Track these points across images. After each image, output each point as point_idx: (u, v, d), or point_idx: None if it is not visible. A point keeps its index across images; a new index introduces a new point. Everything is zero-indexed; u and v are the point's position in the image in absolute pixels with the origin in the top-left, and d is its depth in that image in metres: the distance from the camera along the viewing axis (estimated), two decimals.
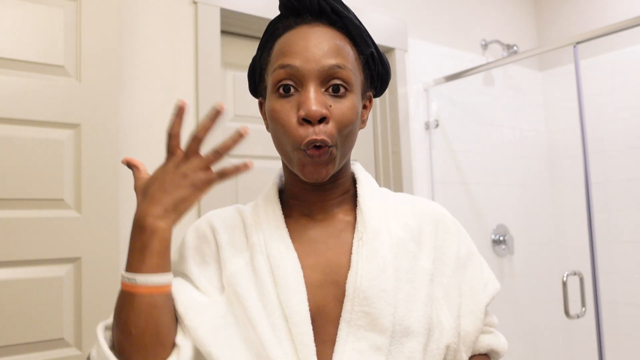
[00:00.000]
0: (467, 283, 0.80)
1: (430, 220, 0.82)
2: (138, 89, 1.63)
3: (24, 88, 1.34)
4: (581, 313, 2.05)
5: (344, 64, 0.74)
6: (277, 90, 0.74)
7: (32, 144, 1.34)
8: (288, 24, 0.78)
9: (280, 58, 0.75)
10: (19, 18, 1.35)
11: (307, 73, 0.72)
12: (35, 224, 1.32)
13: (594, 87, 2.61)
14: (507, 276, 2.58)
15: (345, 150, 0.76)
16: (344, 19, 0.78)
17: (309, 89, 0.72)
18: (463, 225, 0.88)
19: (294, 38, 0.75)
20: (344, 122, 0.73)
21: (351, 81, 0.75)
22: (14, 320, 1.28)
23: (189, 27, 1.75)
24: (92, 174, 1.40)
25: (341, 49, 0.75)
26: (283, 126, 0.73)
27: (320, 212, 0.80)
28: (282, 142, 0.75)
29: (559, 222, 2.81)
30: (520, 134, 2.77)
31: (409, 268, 0.75)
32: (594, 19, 2.70)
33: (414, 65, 2.36)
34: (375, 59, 0.81)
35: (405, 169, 2.25)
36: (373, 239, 0.75)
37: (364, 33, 0.80)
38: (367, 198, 0.80)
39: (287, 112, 0.73)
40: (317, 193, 0.81)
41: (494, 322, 0.86)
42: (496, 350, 0.82)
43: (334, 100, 0.73)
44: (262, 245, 0.76)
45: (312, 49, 0.73)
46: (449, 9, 2.56)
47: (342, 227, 0.79)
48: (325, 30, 0.76)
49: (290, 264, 0.73)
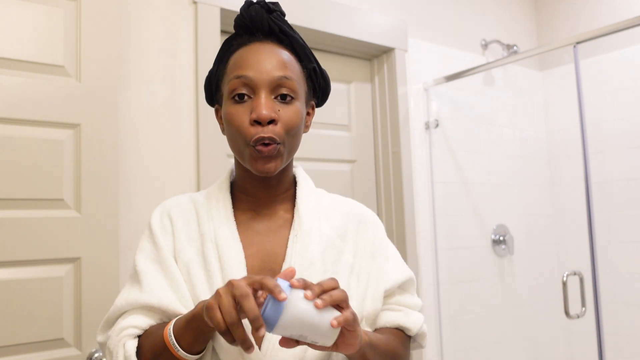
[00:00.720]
0: (374, 271, 0.93)
1: (354, 220, 0.96)
2: (138, 89, 1.63)
3: (24, 88, 1.34)
4: (581, 313, 2.05)
5: (290, 76, 0.86)
6: (232, 97, 0.86)
7: (32, 144, 1.34)
8: (242, 41, 0.90)
9: (235, 70, 0.86)
10: (19, 18, 1.35)
11: (259, 82, 0.84)
12: (35, 224, 1.32)
13: (594, 87, 2.61)
14: (507, 276, 2.58)
15: (291, 149, 0.88)
16: (290, 38, 0.91)
17: (261, 96, 0.83)
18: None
19: (247, 53, 0.87)
20: (290, 124, 0.85)
21: (296, 90, 0.87)
22: (14, 320, 1.28)
23: (189, 27, 1.75)
24: (92, 174, 1.40)
25: (288, 63, 0.88)
26: (237, 127, 0.84)
27: (264, 207, 0.92)
28: (236, 140, 0.86)
29: (559, 222, 2.81)
30: (520, 134, 2.77)
31: (334, 261, 0.89)
32: (594, 19, 2.70)
33: (414, 65, 2.36)
34: (317, 72, 0.94)
35: (405, 169, 2.25)
36: (305, 236, 0.88)
37: (307, 50, 0.93)
38: (304, 200, 0.92)
39: (241, 115, 0.84)
40: (263, 189, 0.92)
41: (409, 302, 0.97)
42: (404, 326, 0.92)
43: (281, 106, 0.85)
44: (212, 234, 0.87)
45: (263, 62, 0.85)
46: (449, 9, 2.56)
47: (282, 223, 0.91)
48: (274, 47, 0.89)
49: (235, 252, 0.85)
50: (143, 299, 0.84)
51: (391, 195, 2.26)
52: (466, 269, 2.40)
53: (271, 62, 0.85)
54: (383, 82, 2.33)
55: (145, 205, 1.60)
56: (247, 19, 0.89)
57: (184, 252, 0.87)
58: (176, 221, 0.91)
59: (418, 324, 0.94)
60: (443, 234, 2.36)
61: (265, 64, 0.85)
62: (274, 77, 0.84)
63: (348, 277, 0.89)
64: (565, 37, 2.75)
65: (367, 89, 2.37)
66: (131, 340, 0.81)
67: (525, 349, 2.59)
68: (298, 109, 0.87)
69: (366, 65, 2.38)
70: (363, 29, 2.18)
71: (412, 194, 2.25)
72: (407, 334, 0.94)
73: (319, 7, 2.04)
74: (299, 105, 0.88)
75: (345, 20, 2.12)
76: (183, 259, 0.87)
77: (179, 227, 0.90)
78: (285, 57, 0.88)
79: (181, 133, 1.70)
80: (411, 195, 2.25)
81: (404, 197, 2.22)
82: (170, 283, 0.86)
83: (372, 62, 2.39)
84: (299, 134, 0.89)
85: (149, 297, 0.84)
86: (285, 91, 0.85)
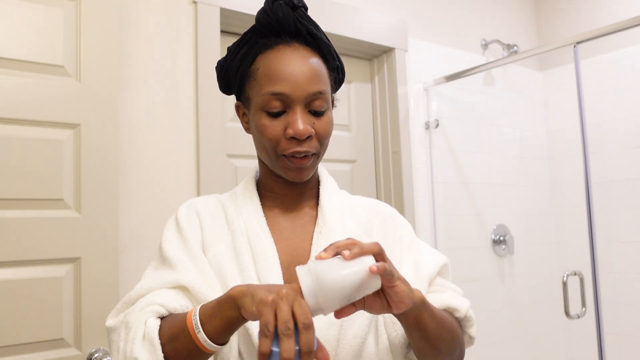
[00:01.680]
0: (409, 264, 0.93)
1: (380, 217, 0.98)
2: (138, 89, 1.63)
3: (24, 88, 1.34)
4: (581, 313, 2.05)
5: (324, 89, 0.86)
6: (265, 110, 0.85)
7: (32, 144, 1.34)
8: (267, 41, 0.88)
9: (269, 84, 0.84)
10: (19, 18, 1.35)
11: (295, 99, 0.83)
12: (35, 224, 1.32)
13: (594, 87, 2.61)
14: (507, 276, 2.58)
15: (322, 155, 0.91)
16: (317, 40, 0.90)
17: (297, 112, 0.84)
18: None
19: (278, 63, 0.85)
20: (325, 135, 0.87)
21: (328, 100, 0.88)
22: (14, 320, 1.28)
23: (189, 27, 1.75)
24: (92, 174, 1.40)
25: (320, 73, 0.87)
26: (271, 140, 0.85)
27: (290, 204, 0.94)
28: (267, 151, 0.87)
29: (559, 222, 2.81)
30: (520, 134, 2.77)
31: None
32: (594, 19, 2.70)
33: (414, 65, 2.36)
34: (339, 70, 0.95)
35: (405, 169, 2.25)
36: (330, 232, 0.88)
37: (332, 50, 0.93)
38: (327, 198, 0.94)
39: (275, 128, 0.84)
40: (289, 188, 0.93)
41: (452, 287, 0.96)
42: (452, 306, 0.90)
43: (316, 119, 0.86)
44: (243, 229, 0.88)
45: (297, 75, 0.84)
46: (449, 9, 2.56)
47: (308, 219, 0.93)
48: (302, 51, 0.87)
49: (268, 246, 0.86)
50: (177, 278, 0.82)
51: (391, 195, 2.26)
52: (466, 269, 2.40)
53: (305, 75, 0.84)
54: (383, 82, 2.33)
55: (145, 205, 1.60)
56: (273, 19, 0.87)
57: (213, 245, 0.87)
58: (204, 217, 0.91)
59: (466, 305, 0.92)
60: (443, 234, 2.36)
61: (300, 77, 0.84)
62: (310, 93, 0.84)
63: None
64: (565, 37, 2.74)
65: (367, 89, 2.37)
66: (154, 318, 0.76)
67: (525, 349, 2.59)
68: (330, 119, 0.88)
69: (366, 65, 2.38)
70: (363, 29, 2.18)
71: (412, 194, 2.25)
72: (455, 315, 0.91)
73: (319, 7, 2.04)
74: (330, 113, 0.89)
75: (345, 20, 2.12)
76: (213, 252, 0.86)
77: (207, 222, 0.90)
78: (316, 66, 0.87)
79: (181, 133, 1.70)
80: (411, 195, 2.25)
81: (404, 197, 2.22)
82: (201, 273, 0.84)
83: (372, 62, 2.39)
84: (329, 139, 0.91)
85: (184, 276, 0.82)
86: (319, 106, 0.85)
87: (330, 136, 0.90)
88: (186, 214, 0.92)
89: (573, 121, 2.44)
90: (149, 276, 0.85)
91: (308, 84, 0.84)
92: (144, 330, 0.74)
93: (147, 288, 0.83)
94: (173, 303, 0.79)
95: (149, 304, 0.78)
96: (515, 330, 2.56)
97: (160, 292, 0.81)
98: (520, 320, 2.59)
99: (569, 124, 2.75)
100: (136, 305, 0.80)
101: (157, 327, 0.75)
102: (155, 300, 0.79)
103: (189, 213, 0.92)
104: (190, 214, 0.92)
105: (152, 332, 0.73)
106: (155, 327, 0.74)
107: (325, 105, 0.86)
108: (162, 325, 0.76)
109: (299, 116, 0.83)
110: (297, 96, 0.83)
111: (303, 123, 0.83)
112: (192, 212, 0.92)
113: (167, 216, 1.62)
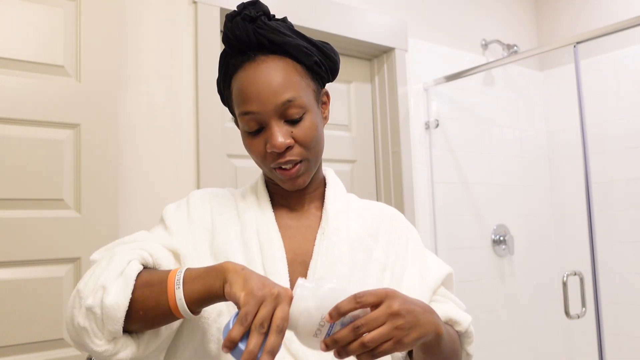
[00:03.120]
0: (414, 269, 0.93)
1: (386, 220, 0.98)
2: (138, 89, 1.63)
3: (24, 88, 1.34)
4: (581, 313, 2.05)
5: (294, 96, 0.84)
6: (245, 131, 0.87)
7: (32, 144, 1.34)
8: (235, 62, 0.87)
9: (240, 105, 0.85)
10: (19, 18, 1.35)
11: (265, 114, 0.83)
12: (35, 224, 1.32)
13: (594, 87, 2.61)
14: (507, 276, 2.58)
15: (316, 157, 0.89)
16: (281, 46, 0.86)
17: (272, 126, 0.83)
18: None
19: (245, 82, 0.85)
20: (307, 140, 0.85)
21: (304, 104, 0.85)
22: (14, 320, 1.28)
23: (189, 27, 1.75)
24: (92, 174, 1.40)
25: (288, 80, 0.84)
26: (256, 156, 0.88)
27: (296, 204, 0.95)
28: (260, 165, 0.90)
29: (559, 222, 2.81)
30: (520, 134, 2.77)
31: (364, 259, 0.90)
32: (594, 19, 2.70)
33: (414, 65, 2.36)
34: (321, 63, 0.91)
35: (405, 169, 2.25)
36: (333, 234, 0.89)
37: (302, 48, 0.87)
38: (332, 200, 0.94)
39: (257, 145, 0.86)
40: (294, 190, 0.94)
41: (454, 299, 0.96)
42: (455, 319, 0.90)
43: (294, 127, 0.85)
44: (252, 222, 0.89)
45: (262, 90, 0.83)
46: (449, 9, 2.56)
47: (312, 220, 0.93)
48: (268, 63, 0.85)
49: (276, 240, 0.87)
50: (173, 242, 0.83)
51: (391, 196, 2.26)
52: (466, 269, 2.40)
53: (270, 88, 0.83)
54: (383, 82, 2.33)
55: (145, 205, 1.60)
56: (233, 40, 0.86)
57: (224, 232, 0.88)
58: (215, 205, 0.92)
59: (468, 320, 0.92)
60: (443, 234, 2.36)
61: (265, 92, 0.83)
62: (278, 104, 0.83)
63: (380, 275, 0.89)
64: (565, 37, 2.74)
65: (367, 89, 2.37)
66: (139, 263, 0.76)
67: (525, 349, 2.59)
68: (312, 121, 0.86)
69: (366, 65, 2.38)
70: (363, 29, 2.18)
71: (412, 194, 2.25)
72: (455, 329, 0.91)
73: (318, 7, 2.04)
74: (312, 115, 0.86)
75: (345, 20, 2.12)
76: (223, 238, 0.87)
77: (219, 210, 0.92)
78: (282, 75, 0.84)
79: (181, 133, 1.70)
80: (411, 195, 2.25)
81: (404, 197, 2.22)
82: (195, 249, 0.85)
83: (372, 62, 2.39)
84: (320, 141, 0.89)
85: (179, 243, 0.83)
86: (293, 113, 0.84)
87: (318, 138, 0.88)
88: (200, 198, 0.93)
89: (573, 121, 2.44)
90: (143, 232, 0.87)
91: (274, 96, 0.83)
92: (124, 267, 0.74)
93: (142, 237, 0.84)
94: (162, 258, 0.79)
95: (140, 247, 0.79)
96: (515, 330, 2.56)
97: (155, 244, 0.82)
98: (520, 320, 2.59)
99: (569, 124, 2.75)
100: (127, 244, 0.81)
101: (137, 271, 0.74)
102: (146, 246, 0.80)
103: (203, 198, 0.93)
104: (204, 199, 0.93)
105: (131, 271, 0.73)
106: (135, 269, 0.74)
107: (300, 111, 0.84)
108: (143, 272, 0.75)
109: (274, 130, 0.83)
110: (266, 112, 0.83)
111: (279, 136, 0.83)
112: (206, 199, 0.93)
113: None
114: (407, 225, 1.01)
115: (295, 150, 0.85)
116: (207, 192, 0.96)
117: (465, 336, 0.92)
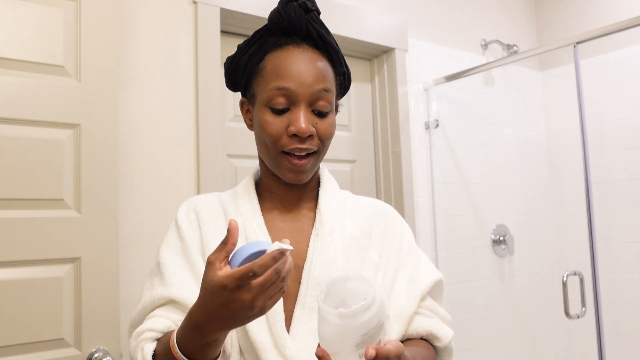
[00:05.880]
0: (404, 270, 0.93)
1: (380, 219, 0.97)
2: (138, 89, 1.63)
3: (24, 88, 1.34)
4: (581, 313, 2.05)
5: (329, 88, 0.87)
6: (269, 106, 0.86)
7: (32, 144, 1.34)
8: (277, 41, 0.89)
9: (275, 79, 0.85)
10: (19, 18, 1.35)
11: (300, 95, 0.84)
12: (35, 224, 1.32)
13: (594, 87, 2.61)
14: (507, 276, 2.58)
15: (323, 156, 0.91)
16: (327, 44, 0.90)
17: (300, 109, 0.84)
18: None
19: (286, 61, 0.86)
20: (326, 136, 0.88)
21: (332, 101, 0.88)
22: (14, 320, 1.28)
23: (189, 27, 1.75)
24: (92, 174, 1.40)
25: (326, 74, 0.87)
26: (272, 136, 0.85)
27: (289, 205, 0.94)
28: (268, 148, 0.87)
29: (559, 222, 2.81)
30: (520, 134, 2.77)
31: (359, 259, 0.90)
32: (594, 19, 2.70)
33: (414, 65, 2.36)
34: (346, 76, 0.95)
35: (405, 169, 2.25)
36: (327, 235, 0.89)
37: (340, 55, 0.93)
38: (327, 201, 0.94)
39: (278, 124, 0.85)
40: (289, 190, 0.94)
41: (440, 313, 0.95)
42: (436, 334, 0.90)
43: (318, 119, 0.86)
44: (241, 228, 0.87)
45: (304, 73, 0.85)
46: (449, 9, 2.56)
47: (305, 222, 0.93)
48: (311, 53, 0.88)
49: None
50: (166, 293, 0.84)
51: (391, 196, 2.26)
52: (466, 269, 2.40)
53: (311, 73, 0.85)
54: (383, 82, 2.33)
55: (145, 205, 1.60)
56: (285, 20, 0.88)
57: (212, 243, 0.88)
58: (203, 216, 0.92)
59: (449, 336, 0.92)
60: (443, 234, 2.36)
61: (306, 75, 0.85)
62: (315, 90, 0.85)
63: (374, 275, 0.90)
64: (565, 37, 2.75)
65: (367, 89, 2.37)
66: (149, 343, 0.80)
67: (525, 349, 2.59)
68: (333, 121, 0.89)
69: (366, 65, 2.38)
70: (363, 29, 2.18)
71: (412, 194, 2.25)
72: (434, 344, 0.91)
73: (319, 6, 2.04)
74: (333, 115, 0.89)
75: (345, 20, 2.12)
76: (212, 247, 0.87)
77: (206, 221, 0.91)
78: (322, 67, 0.88)
79: (181, 133, 1.70)
80: (411, 195, 2.25)
81: (404, 197, 2.22)
82: (195, 277, 0.85)
83: (372, 62, 2.39)
84: (331, 141, 0.91)
85: (171, 290, 0.84)
86: (323, 106, 0.86)
87: (332, 139, 0.90)
88: (185, 214, 0.93)
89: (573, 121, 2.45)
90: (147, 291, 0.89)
91: (313, 82, 0.85)
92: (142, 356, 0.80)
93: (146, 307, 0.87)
94: (161, 326, 0.82)
95: (140, 332, 0.83)
96: (515, 330, 2.56)
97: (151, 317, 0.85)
98: (520, 320, 2.59)
99: (569, 124, 2.75)
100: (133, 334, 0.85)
101: (151, 351, 0.79)
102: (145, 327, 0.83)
103: (188, 213, 0.93)
104: (189, 213, 0.93)
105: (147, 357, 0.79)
106: (149, 351, 0.79)
107: (329, 107, 0.87)
108: (157, 346, 0.80)
109: (302, 114, 0.84)
110: (301, 93, 0.84)
111: (305, 121, 0.83)
112: (191, 212, 0.93)
113: (167, 216, 1.62)
114: (401, 224, 1.01)
115: (315, 141, 0.86)
116: (192, 205, 0.94)
117: (444, 351, 0.92)
